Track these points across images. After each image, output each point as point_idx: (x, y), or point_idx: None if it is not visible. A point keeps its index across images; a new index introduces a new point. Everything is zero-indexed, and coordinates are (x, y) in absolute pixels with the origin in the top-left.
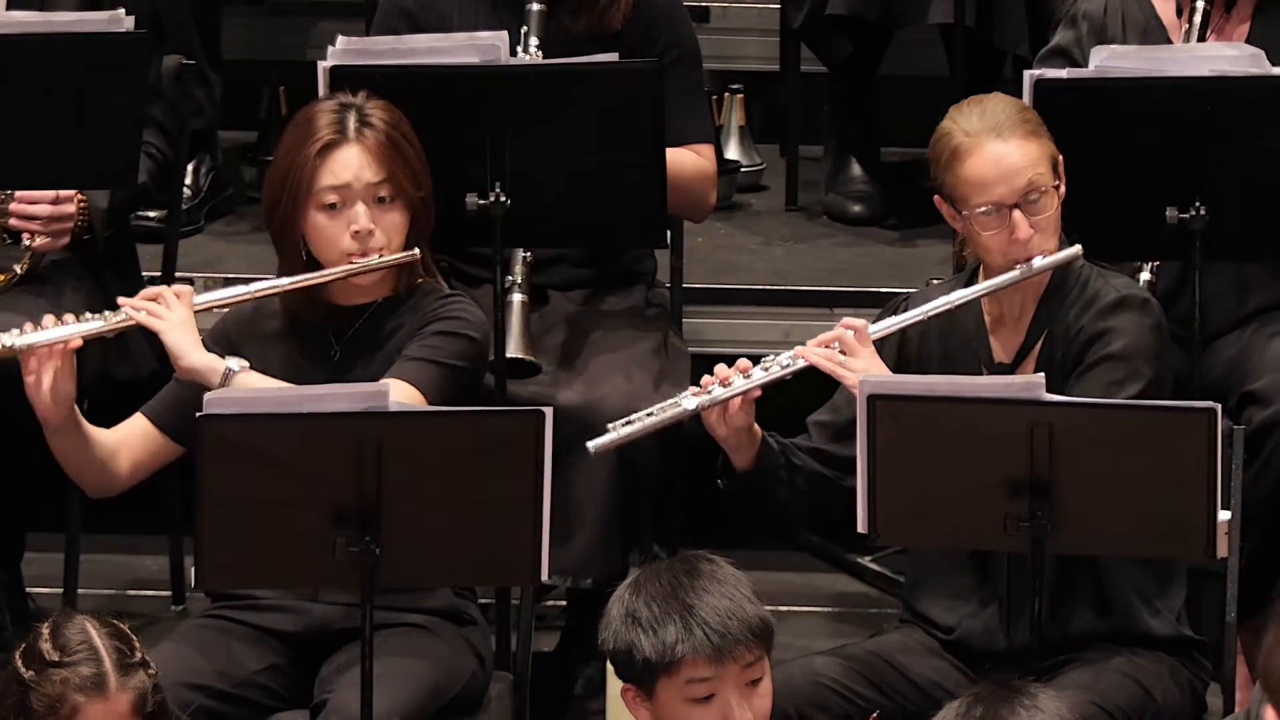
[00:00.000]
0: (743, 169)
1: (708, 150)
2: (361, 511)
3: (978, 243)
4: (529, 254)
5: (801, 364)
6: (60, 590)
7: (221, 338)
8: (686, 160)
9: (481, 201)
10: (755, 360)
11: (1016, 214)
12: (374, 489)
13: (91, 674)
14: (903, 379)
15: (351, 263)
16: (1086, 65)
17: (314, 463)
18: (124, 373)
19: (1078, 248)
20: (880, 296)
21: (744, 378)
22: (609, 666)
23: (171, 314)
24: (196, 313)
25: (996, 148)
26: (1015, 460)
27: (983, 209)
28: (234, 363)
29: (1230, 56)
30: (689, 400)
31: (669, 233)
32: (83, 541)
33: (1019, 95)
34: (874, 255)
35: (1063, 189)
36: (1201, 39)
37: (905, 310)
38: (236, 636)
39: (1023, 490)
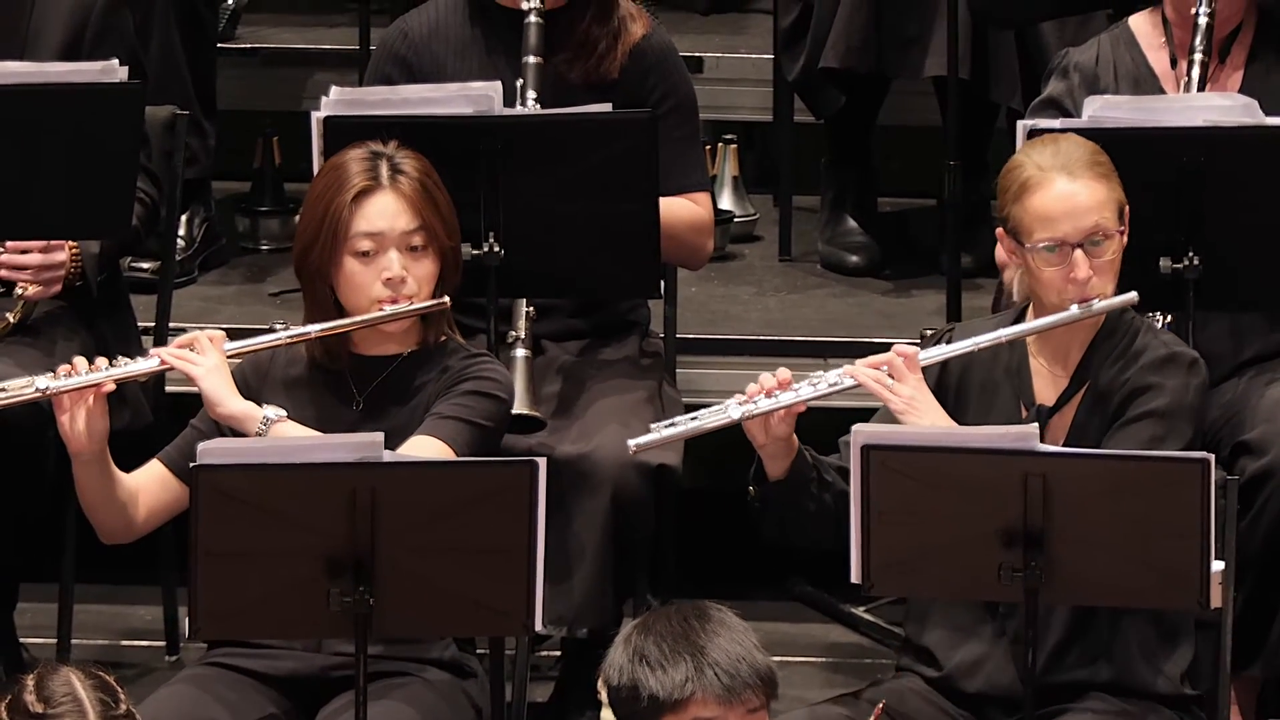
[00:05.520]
0: (736, 219)
1: (704, 199)
2: (356, 561)
3: (1036, 278)
4: (531, 308)
5: (849, 383)
6: (54, 640)
7: (239, 385)
8: (682, 209)
9: (475, 251)
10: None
11: (1078, 254)
12: (368, 539)
13: None
14: (896, 429)
15: (381, 310)
16: (1078, 115)
17: (308, 513)
18: (120, 421)
19: (1133, 295)
20: (874, 347)
21: (790, 392)
22: (604, 717)
23: (205, 360)
24: (228, 358)
25: (1066, 185)
26: (1009, 510)
27: (1045, 244)
28: (271, 411)
29: (1223, 106)
30: (735, 409)
31: (663, 282)
32: (76, 591)
33: (1012, 147)
34: (868, 305)
35: (1125, 237)
36: (1201, 89)
37: (950, 342)
38: (234, 685)
39: (1017, 540)
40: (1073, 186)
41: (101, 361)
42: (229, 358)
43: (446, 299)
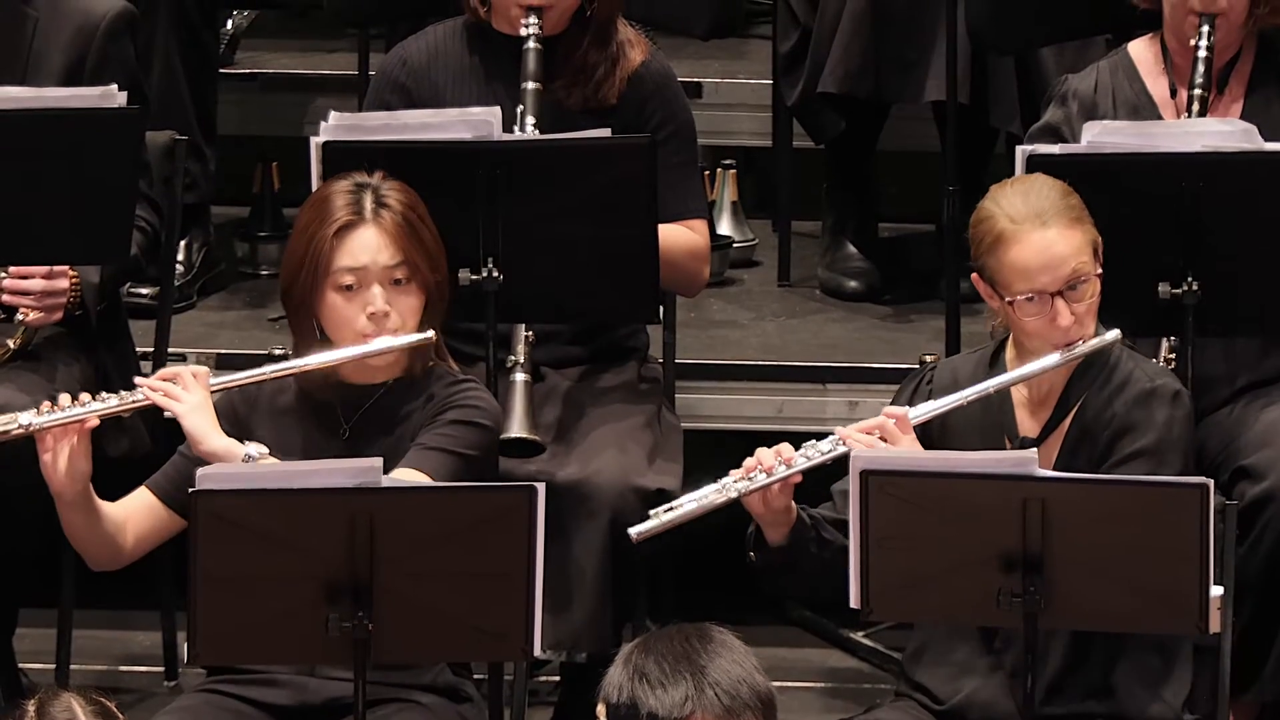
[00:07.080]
0: (735, 244)
1: (701, 225)
2: (354, 587)
3: (1018, 327)
4: (530, 333)
5: (843, 449)
6: (53, 665)
7: (228, 413)
8: (679, 236)
9: (474, 277)
10: (796, 445)
11: (1059, 302)
12: (366, 565)
13: None
14: (896, 454)
15: (366, 343)
16: (1076, 142)
17: (307, 538)
18: (118, 449)
19: (1116, 333)
20: (873, 372)
21: (785, 466)
22: None
23: (190, 396)
24: (211, 394)
25: (1041, 237)
26: (1008, 535)
27: (1025, 296)
28: (253, 449)
29: (1223, 132)
30: (732, 488)
31: (661, 308)
32: (75, 616)
33: (1011, 172)
34: (867, 331)
35: (1101, 272)
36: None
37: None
38: (231, 713)
39: (1015, 565)
40: (1047, 237)
41: (85, 396)
42: (213, 392)
43: (431, 334)
